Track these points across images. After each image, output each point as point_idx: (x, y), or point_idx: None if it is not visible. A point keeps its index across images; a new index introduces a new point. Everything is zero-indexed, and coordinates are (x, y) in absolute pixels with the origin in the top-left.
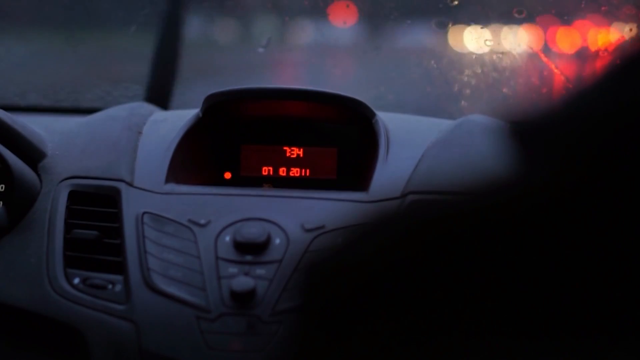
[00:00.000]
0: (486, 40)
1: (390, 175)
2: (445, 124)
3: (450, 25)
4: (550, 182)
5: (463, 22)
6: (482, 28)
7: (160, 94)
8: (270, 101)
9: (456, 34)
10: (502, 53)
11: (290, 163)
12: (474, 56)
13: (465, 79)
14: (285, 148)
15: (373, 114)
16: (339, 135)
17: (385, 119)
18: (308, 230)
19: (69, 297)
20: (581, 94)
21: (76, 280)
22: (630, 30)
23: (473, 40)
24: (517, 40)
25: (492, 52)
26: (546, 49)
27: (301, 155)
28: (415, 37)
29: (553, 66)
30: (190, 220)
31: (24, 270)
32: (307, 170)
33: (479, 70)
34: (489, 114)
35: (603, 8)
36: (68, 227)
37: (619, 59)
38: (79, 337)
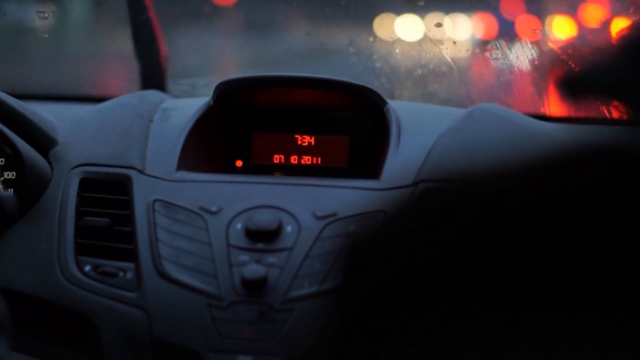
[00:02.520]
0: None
1: (402, 163)
2: (456, 112)
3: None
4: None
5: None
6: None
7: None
8: (281, 89)
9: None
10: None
11: (302, 151)
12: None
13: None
14: (296, 136)
15: (384, 102)
16: (350, 123)
17: (397, 107)
18: (319, 218)
19: (80, 285)
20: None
21: (87, 268)
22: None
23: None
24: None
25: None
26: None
27: (312, 143)
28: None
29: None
30: (201, 208)
31: (35, 258)
32: (319, 158)
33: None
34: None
35: None
36: (79, 214)
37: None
38: (90, 325)
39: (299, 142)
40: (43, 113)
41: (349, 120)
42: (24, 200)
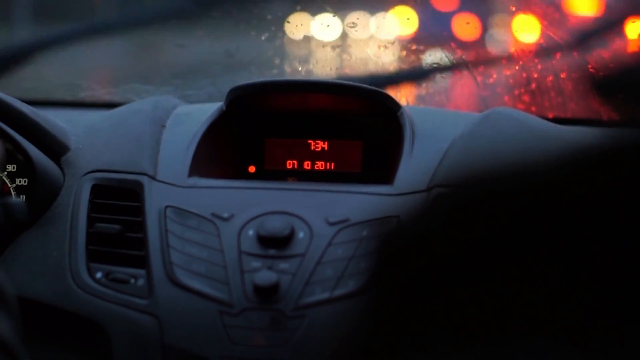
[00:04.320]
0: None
1: (416, 168)
2: (470, 117)
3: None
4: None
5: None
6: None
7: None
8: (294, 94)
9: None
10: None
11: (315, 156)
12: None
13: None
14: (309, 141)
15: (398, 107)
16: (364, 128)
17: (411, 111)
18: (332, 224)
19: (92, 292)
20: None
21: (99, 275)
22: None
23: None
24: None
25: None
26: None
27: (326, 148)
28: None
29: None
30: (213, 214)
31: (47, 265)
32: (332, 164)
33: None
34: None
35: None
36: (91, 221)
37: None
38: (101, 332)
39: (312, 148)
40: (55, 119)
41: (362, 125)
42: (35, 206)
